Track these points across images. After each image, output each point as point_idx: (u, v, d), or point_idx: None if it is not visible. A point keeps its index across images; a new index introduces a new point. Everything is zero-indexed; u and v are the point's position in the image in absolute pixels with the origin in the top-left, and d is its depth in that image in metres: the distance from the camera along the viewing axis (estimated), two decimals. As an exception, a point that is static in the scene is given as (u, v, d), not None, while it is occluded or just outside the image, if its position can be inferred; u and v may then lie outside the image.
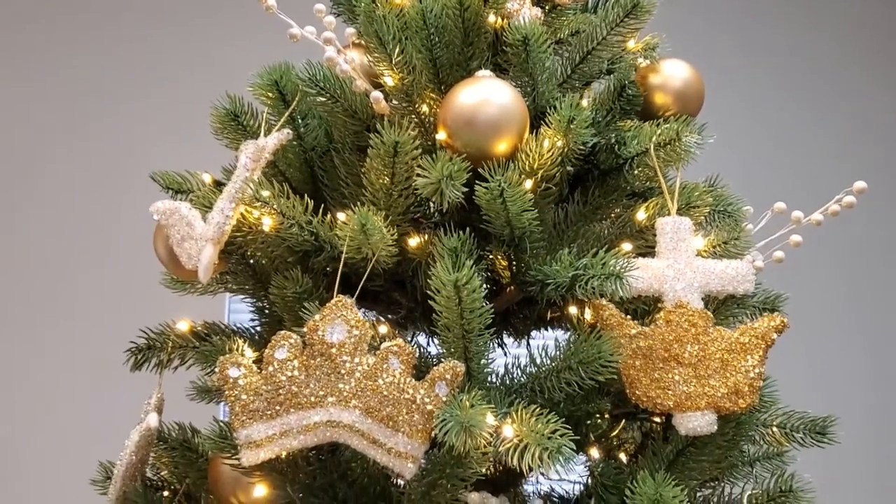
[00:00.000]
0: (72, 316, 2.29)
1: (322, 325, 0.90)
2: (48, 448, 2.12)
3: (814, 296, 2.62)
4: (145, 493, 1.06)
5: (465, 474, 0.87)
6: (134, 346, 1.15)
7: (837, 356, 2.69)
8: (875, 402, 2.67)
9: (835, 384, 2.62)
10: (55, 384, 2.18)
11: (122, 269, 2.12)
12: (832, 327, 2.69)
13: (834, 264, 2.74)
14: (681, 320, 0.94)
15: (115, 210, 2.30)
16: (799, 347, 2.51)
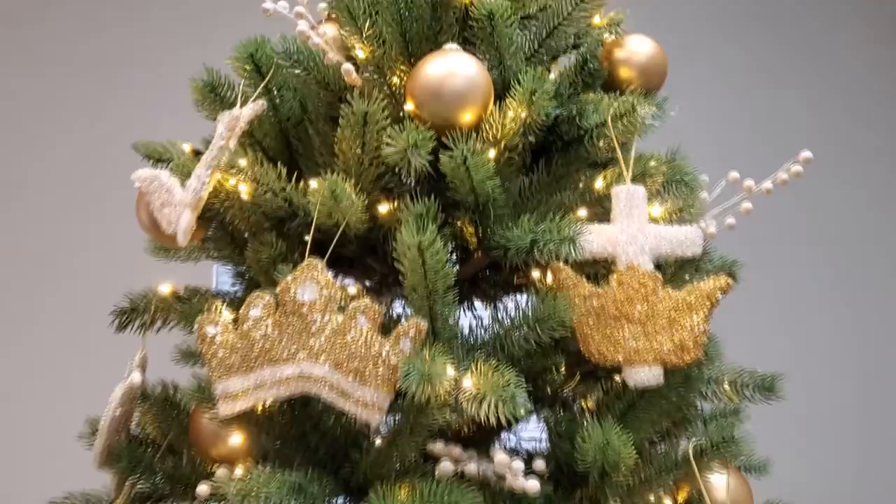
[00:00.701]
0: (61, 282, 2.34)
1: (294, 286, 0.96)
2: (37, 404, 2.18)
3: (788, 263, 2.71)
4: (129, 446, 1.12)
5: (428, 423, 0.93)
6: (117, 308, 1.20)
7: (816, 326, 2.77)
8: (855, 370, 2.75)
9: (814, 358, 2.71)
10: (44, 345, 2.23)
11: (110, 237, 2.16)
12: (810, 295, 2.77)
13: (811, 237, 2.82)
14: (632, 281, 1.00)
15: (102, 179, 2.34)
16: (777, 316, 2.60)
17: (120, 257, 1.53)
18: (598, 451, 0.92)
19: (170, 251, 1.34)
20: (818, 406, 2.61)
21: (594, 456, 0.93)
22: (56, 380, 2.22)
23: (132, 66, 2.59)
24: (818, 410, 2.61)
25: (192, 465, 1.11)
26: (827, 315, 2.77)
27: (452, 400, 0.90)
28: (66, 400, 1.65)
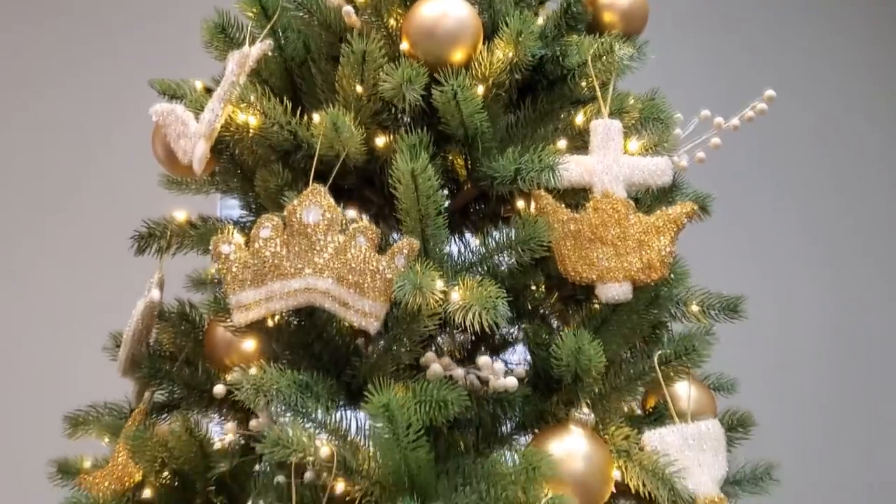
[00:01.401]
0: (85, 212, 2.43)
1: (299, 209, 1.06)
2: (63, 318, 2.29)
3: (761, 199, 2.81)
4: (150, 356, 1.23)
5: (420, 330, 1.04)
6: (137, 234, 1.30)
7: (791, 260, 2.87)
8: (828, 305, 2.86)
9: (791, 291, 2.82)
10: (68, 269, 2.34)
11: (126, 171, 2.24)
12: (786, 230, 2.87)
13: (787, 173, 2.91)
14: (606, 207, 1.10)
15: (119, 117, 2.41)
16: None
17: (135, 191, 1.62)
18: (571, 355, 1.03)
19: (182, 184, 1.44)
20: (789, 331, 2.73)
21: (567, 361, 1.04)
22: (80, 302, 2.33)
23: (149, 8, 2.66)
24: (789, 335, 2.74)
25: (207, 374, 1.22)
26: (799, 244, 2.86)
27: (441, 310, 1.01)
28: (89, 319, 1.76)
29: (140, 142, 1.38)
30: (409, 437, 0.94)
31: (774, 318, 2.64)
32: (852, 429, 2.75)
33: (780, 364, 2.70)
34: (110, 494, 1.13)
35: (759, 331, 2.35)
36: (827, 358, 2.80)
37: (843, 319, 2.84)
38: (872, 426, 2.78)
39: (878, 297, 2.88)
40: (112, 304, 1.44)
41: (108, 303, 1.51)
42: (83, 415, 1.35)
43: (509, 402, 1.09)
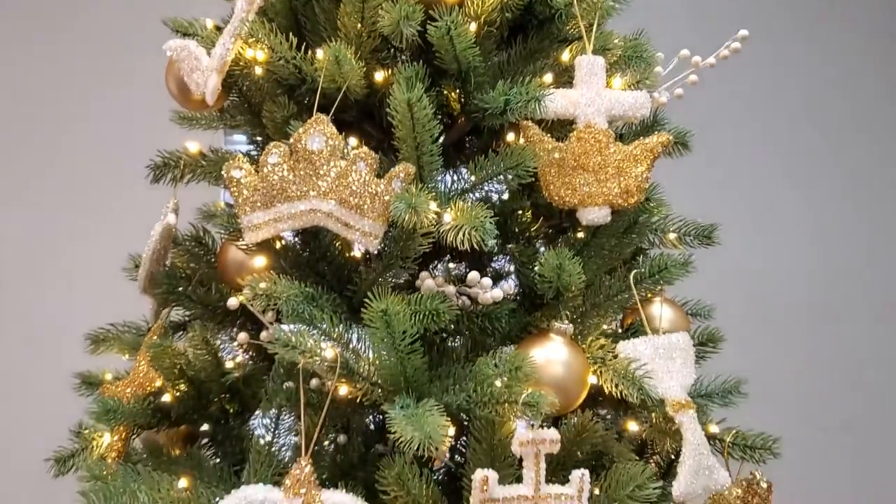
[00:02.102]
0: (101, 146, 2.51)
1: (304, 137, 1.15)
2: (82, 242, 2.38)
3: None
4: (167, 275, 1.33)
5: (415, 248, 1.14)
6: (152, 163, 1.39)
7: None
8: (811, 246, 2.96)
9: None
10: (86, 195, 2.42)
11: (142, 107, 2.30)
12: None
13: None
14: (588, 137, 1.19)
15: (133, 55, 2.47)
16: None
17: (149, 126, 1.69)
18: (553, 272, 1.13)
19: (192, 120, 1.52)
20: (773, 263, 2.83)
21: (550, 277, 1.14)
22: (99, 228, 2.41)
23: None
24: (773, 267, 2.84)
25: (220, 293, 1.32)
26: (777, 176, 2.94)
27: (435, 230, 1.11)
28: (108, 244, 1.84)
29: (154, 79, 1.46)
30: (405, 342, 1.05)
31: (753, 249, 2.73)
32: (829, 352, 2.84)
33: (757, 292, 2.79)
34: (133, 399, 1.23)
35: (738, 261, 2.46)
36: (806, 286, 2.87)
37: (821, 249, 2.91)
38: (850, 350, 2.86)
39: (856, 226, 2.94)
40: (130, 229, 1.54)
41: (126, 228, 1.60)
42: (104, 333, 1.46)
43: (496, 316, 1.19)
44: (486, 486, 1.01)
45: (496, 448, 1.08)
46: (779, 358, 2.71)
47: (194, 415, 1.28)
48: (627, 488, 1.10)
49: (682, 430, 1.13)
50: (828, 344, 2.84)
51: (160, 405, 1.25)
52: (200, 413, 1.29)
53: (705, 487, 1.13)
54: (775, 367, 2.62)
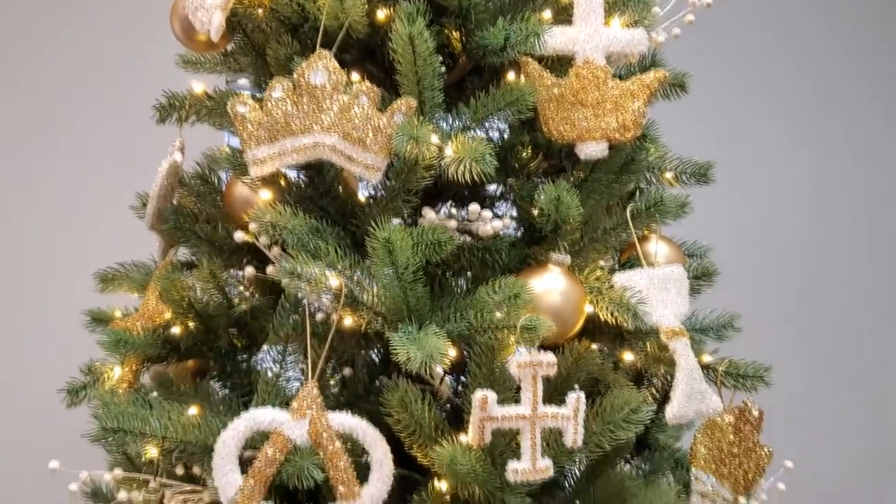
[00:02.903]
0: (108, 87, 2.51)
1: (307, 71, 1.17)
2: (93, 180, 2.39)
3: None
4: (174, 212, 1.36)
5: (417, 181, 1.16)
6: (158, 104, 1.41)
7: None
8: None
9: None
10: (98, 132, 2.42)
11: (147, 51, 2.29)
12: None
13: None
14: (587, 73, 1.21)
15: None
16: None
17: (153, 69, 1.70)
18: (551, 203, 1.16)
19: (197, 64, 1.54)
20: (766, 201, 2.84)
21: (548, 209, 1.16)
22: (108, 164, 2.42)
23: None
24: (766, 205, 2.85)
25: (227, 231, 1.35)
26: (777, 115, 2.93)
27: (437, 164, 1.13)
28: (117, 181, 1.86)
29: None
30: (408, 271, 1.08)
31: (752, 190, 2.74)
32: (826, 286, 2.85)
33: (756, 231, 2.80)
34: (142, 332, 1.27)
35: (737, 202, 2.48)
36: (806, 227, 2.87)
37: (821, 187, 2.91)
38: (847, 284, 2.87)
39: (855, 163, 2.94)
40: (135, 170, 1.56)
41: (132, 169, 1.62)
42: (112, 272, 1.49)
43: (496, 249, 1.22)
44: (486, 405, 1.05)
45: (495, 373, 1.12)
46: (773, 298, 2.73)
47: (203, 347, 1.31)
48: (622, 412, 1.14)
49: (676, 356, 1.17)
50: (822, 287, 2.86)
51: (169, 337, 1.29)
52: (209, 347, 1.32)
53: (697, 411, 1.17)
54: (770, 307, 2.65)
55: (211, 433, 1.13)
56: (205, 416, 1.19)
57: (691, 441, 1.25)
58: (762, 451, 1.28)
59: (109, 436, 1.08)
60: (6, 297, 2.34)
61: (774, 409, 1.34)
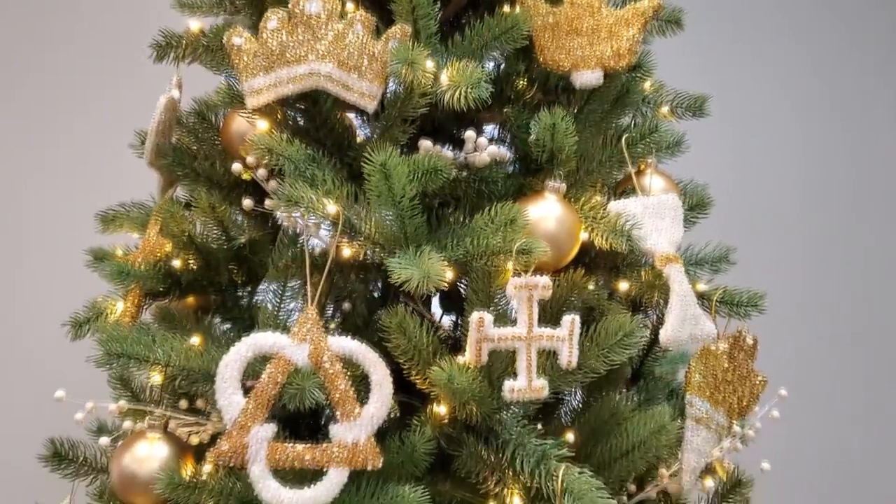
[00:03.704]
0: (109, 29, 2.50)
1: (302, 1, 1.17)
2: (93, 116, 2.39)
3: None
4: (174, 147, 1.37)
5: (413, 108, 1.17)
6: (155, 42, 1.42)
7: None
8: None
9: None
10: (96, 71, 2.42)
11: None
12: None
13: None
14: (581, 2, 1.21)
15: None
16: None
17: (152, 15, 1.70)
18: (547, 131, 1.16)
19: (194, 7, 1.54)
20: (766, 136, 2.83)
21: (543, 137, 1.17)
22: (104, 99, 2.42)
23: None
24: (766, 140, 2.84)
25: (225, 168, 1.36)
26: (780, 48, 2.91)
27: (431, 91, 1.14)
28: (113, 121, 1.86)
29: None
30: (405, 198, 1.09)
31: (750, 123, 2.73)
32: (822, 223, 2.83)
33: (752, 169, 2.79)
34: (144, 265, 1.29)
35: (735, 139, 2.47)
36: (802, 164, 2.86)
37: (817, 124, 2.88)
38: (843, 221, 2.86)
39: (853, 98, 2.91)
40: (134, 108, 1.57)
41: (131, 107, 1.62)
42: (112, 212, 1.50)
43: (493, 180, 1.23)
44: (482, 325, 1.07)
45: (492, 298, 1.14)
46: (771, 236, 2.73)
47: (203, 282, 1.33)
48: (616, 336, 1.15)
49: (670, 281, 1.19)
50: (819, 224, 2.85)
51: (170, 271, 1.30)
52: (209, 281, 1.34)
53: (691, 335, 1.19)
54: (766, 244, 2.65)
55: (213, 361, 1.15)
56: (206, 346, 1.21)
57: (686, 368, 1.27)
58: (756, 379, 1.31)
59: (114, 361, 1.10)
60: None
61: (771, 342, 1.36)
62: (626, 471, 1.20)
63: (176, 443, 1.20)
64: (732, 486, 1.33)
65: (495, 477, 1.21)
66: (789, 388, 1.35)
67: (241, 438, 1.06)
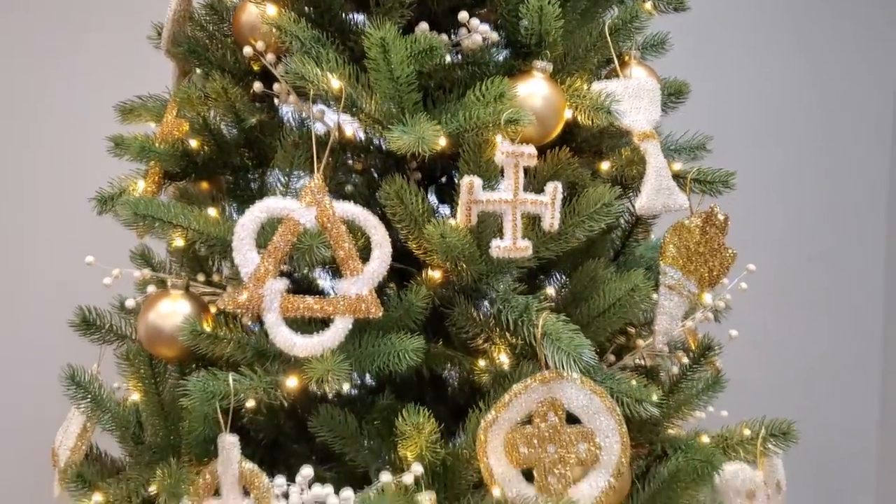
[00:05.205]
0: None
1: None
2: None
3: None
4: (189, 37, 1.46)
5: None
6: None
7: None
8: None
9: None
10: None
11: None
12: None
13: None
14: None
15: None
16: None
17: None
18: (534, 14, 1.25)
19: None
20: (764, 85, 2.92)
21: (531, 20, 1.26)
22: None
23: None
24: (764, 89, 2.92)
25: (236, 57, 1.46)
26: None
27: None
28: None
29: None
30: (403, 74, 1.19)
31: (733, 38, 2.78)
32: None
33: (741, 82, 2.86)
34: (163, 145, 1.39)
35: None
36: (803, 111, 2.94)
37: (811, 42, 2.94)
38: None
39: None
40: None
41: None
42: (131, 103, 1.60)
43: (484, 63, 1.33)
44: (472, 189, 1.18)
45: (482, 168, 1.24)
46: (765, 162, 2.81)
47: (217, 162, 1.44)
48: (596, 205, 1.27)
49: (647, 155, 1.29)
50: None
51: (187, 151, 1.41)
52: (223, 163, 1.45)
53: (665, 205, 1.30)
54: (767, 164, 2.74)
55: (229, 229, 1.26)
56: (222, 215, 1.33)
57: (661, 241, 1.39)
58: (727, 253, 1.42)
59: (140, 221, 1.22)
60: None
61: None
62: (603, 330, 1.33)
63: (197, 301, 1.33)
64: (702, 352, 1.46)
65: (484, 335, 1.34)
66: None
67: (257, 290, 1.19)
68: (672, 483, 1.32)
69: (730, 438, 1.44)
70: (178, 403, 1.30)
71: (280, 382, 1.20)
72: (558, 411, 1.19)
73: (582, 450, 1.19)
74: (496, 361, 1.34)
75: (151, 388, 1.35)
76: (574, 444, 1.19)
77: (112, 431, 1.41)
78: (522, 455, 1.18)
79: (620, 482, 1.22)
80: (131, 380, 1.36)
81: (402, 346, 1.21)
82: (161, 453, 1.34)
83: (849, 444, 2.82)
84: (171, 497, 1.22)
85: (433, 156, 1.33)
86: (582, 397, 1.19)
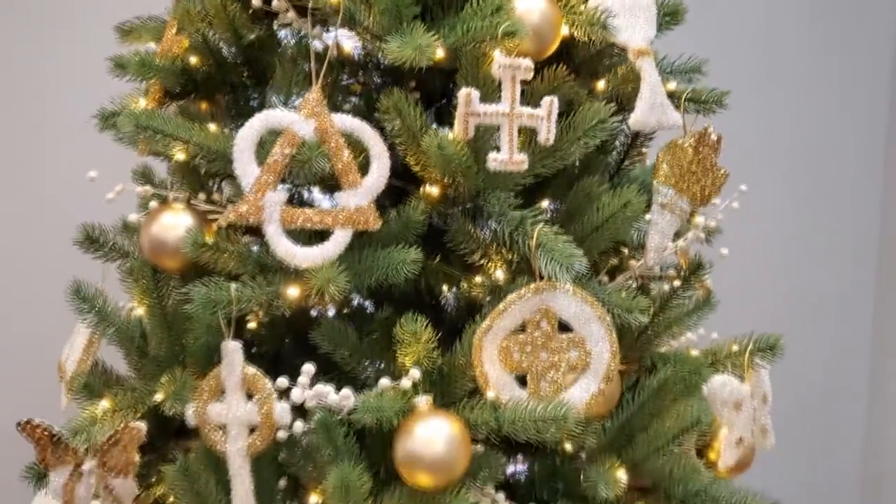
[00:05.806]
0: None
1: None
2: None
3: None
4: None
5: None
6: None
7: None
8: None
9: None
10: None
11: None
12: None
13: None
14: None
15: None
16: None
17: None
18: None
19: None
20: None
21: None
22: None
23: None
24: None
25: None
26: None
27: None
28: None
29: None
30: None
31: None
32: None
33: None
34: (164, 62, 1.40)
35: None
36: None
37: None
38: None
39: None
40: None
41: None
42: (130, 24, 1.61)
43: None
44: (469, 100, 1.20)
45: (480, 83, 1.26)
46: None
47: (217, 79, 1.45)
48: (591, 122, 1.29)
49: (642, 72, 1.31)
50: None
51: (187, 68, 1.42)
52: (222, 80, 1.46)
53: (658, 121, 1.32)
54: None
55: (229, 143, 1.28)
56: (221, 130, 1.34)
57: (654, 160, 1.41)
58: (719, 172, 1.44)
59: (141, 133, 1.24)
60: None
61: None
62: (597, 245, 1.36)
63: (199, 215, 1.35)
64: (693, 269, 1.49)
65: (481, 251, 1.37)
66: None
67: (258, 201, 1.21)
68: (660, 393, 1.36)
69: (718, 353, 1.49)
70: (181, 315, 1.34)
71: (281, 292, 1.23)
72: (551, 320, 1.23)
73: (573, 356, 1.23)
74: (493, 277, 1.38)
75: (155, 301, 1.38)
76: (566, 351, 1.23)
77: (117, 345, 1.45)
78: (516, 361, 1.22)
79: (610, 388, 1.26)
80: (135, 292, 1.40)
81: (401, 258, 1.24)
82: (165, 365, 1.38)
83: (839, 372, 2.88)
84: (177, 402, 1.26)
85: (432, 75, 1.36)
86: (574, 306, 1.22)
